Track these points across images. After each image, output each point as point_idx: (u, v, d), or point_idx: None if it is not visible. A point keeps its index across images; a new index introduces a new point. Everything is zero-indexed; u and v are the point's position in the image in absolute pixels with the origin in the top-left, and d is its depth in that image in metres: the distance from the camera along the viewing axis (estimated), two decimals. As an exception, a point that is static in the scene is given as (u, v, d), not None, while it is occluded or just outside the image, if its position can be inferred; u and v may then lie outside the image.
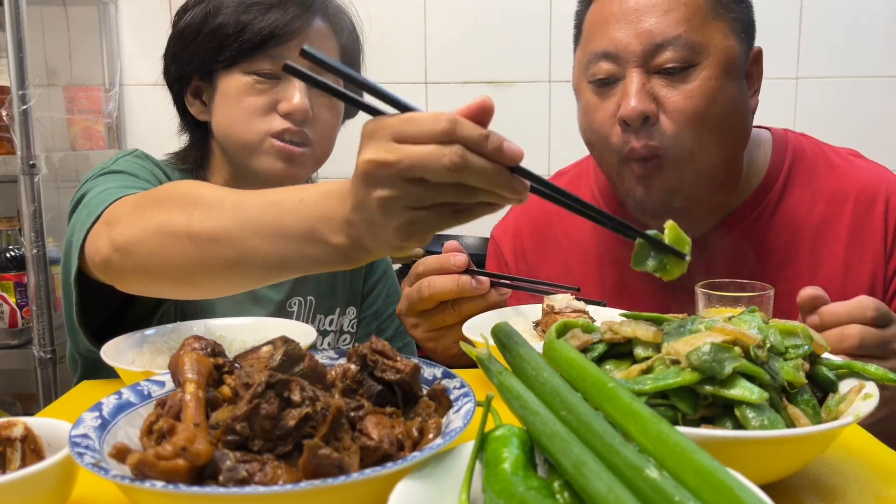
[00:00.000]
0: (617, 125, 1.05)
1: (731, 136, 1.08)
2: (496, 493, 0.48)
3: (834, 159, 1.17)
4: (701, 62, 1.03)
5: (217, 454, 0.52)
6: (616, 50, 1.04)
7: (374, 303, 1.37)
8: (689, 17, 1.03)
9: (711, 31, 1.04)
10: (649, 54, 1.02)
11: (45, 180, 1.90)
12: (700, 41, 1.02)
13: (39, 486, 0.55)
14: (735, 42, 1.06)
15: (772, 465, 0.59)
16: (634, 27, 1.03)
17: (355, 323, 1.34)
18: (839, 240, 1.12)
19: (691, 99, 1.02)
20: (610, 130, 1.06)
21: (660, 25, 1.02)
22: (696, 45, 1.02)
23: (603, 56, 1.05)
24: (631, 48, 1.03)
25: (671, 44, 1.02)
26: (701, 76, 1.03)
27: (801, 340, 0.66)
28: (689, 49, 1.02)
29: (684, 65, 1.02)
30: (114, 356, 0.85)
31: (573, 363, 0.57)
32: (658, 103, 1.03)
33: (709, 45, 1.03)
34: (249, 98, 1.12)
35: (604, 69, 1.06)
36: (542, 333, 0.96)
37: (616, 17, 1.05)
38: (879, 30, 2.34)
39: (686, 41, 1.02)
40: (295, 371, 0.61)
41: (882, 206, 1.12)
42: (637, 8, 1.04)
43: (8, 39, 1.81)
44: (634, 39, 1.03)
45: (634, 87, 1.02)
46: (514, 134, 0.63)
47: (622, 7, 1.05)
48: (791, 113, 2.37)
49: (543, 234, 1.28)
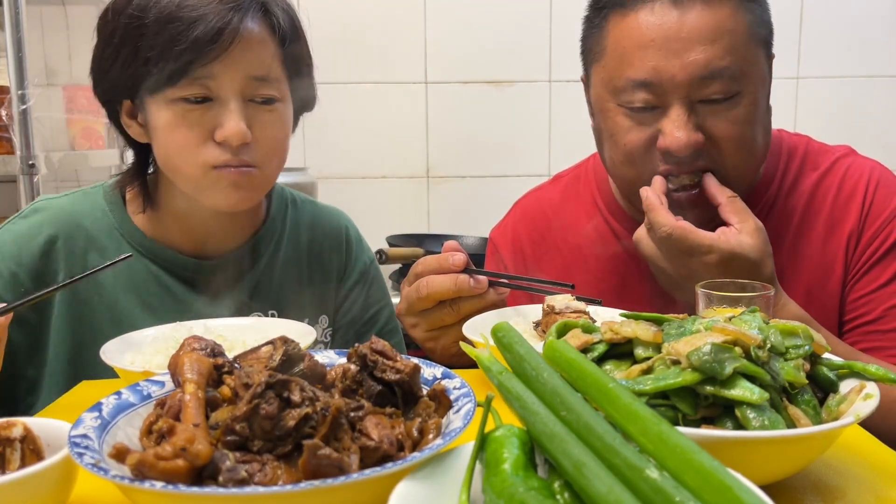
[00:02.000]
0: (656, 150, 1.04)
1: (764, 149, 1.09)
2: (496, 494, 0.48)
3: (821, 159, 1.17)
4: (744, 89, 1.01)
5: (217, 454, 0.52)
6: (660, 80, 1.00)
7: (350, 310, 1.29)
8: (735, 46, 1.00)
9: (753, 56, 1.02)
10: (695, 86, 1.00)
11: (45, 180, 1.90)
12: (744, 69, 1.01)
13: (39, 487, 0.55)
14: (766, 62, 1.06)
15: (772, 465, 0.59)
16: (680, 57, 0.99)
17: (329, 333, 1.26)
18: (818, 234, 1.13)
19: (738, 126, 1.02)
20: (645, 156, 1.05)
21: (707, 56, 0.99)
22: (741, 75, 1.00)
23: (642, 85, 1.02)
24: (677, 80, 1.00)
25: (718, 76, 0.99)
26: (744, 103, 1.02)
27: (801, 341, 0.66)
28: (735, 80, 1.00)
29: (729, 95, 1.01)
30: (113, 356, 0.85)
31: (573, 363, 0.57)
32: (703, 131, 1.02)
33: (751, 71, 1.02)
34: (182, 129, 1.02)
35: (642, 98, 1.02)
36: (542, 333, 0.96)
37: (657, 44, 1.00)
38: (880, 29, 2.34)
39: (733, 72, 1.00)
40: (295, 371, 0.61)
41: (861, 195, 1.12)
42: (681, 36, 0.99)
43: (8, 39, 1.81)
44: (681, 71, 0.99)
45: (681, 120, 1.00)
46: (514, 134, 0.63)
47: (663, 33, 1.00)
48: (791, 113, 2.37)
49: (542, 238, 1.28)
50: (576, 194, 1.28)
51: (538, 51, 2.37)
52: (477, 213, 2.25)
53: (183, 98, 1.01)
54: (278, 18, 1.05)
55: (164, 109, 1.02)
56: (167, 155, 1.05)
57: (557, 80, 2.38)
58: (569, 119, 2.34)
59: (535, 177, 2.29)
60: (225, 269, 1.16)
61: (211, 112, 1.02)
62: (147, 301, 1.11)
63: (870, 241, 1.10)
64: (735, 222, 0.99)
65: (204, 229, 1.15)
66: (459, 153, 2.41)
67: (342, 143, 2.39)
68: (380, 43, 2.37)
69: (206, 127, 1.02)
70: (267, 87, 1.05)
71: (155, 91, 1.02)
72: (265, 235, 1.21)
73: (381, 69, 2.38)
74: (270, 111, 1.06)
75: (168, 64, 0.98)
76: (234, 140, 1.01)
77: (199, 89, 1.01)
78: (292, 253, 1.24)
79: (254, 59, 1.03)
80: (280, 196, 1.27)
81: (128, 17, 1.00)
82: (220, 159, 1.02)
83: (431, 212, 2.45)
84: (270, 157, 1.07)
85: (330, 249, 1.28)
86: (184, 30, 0.98)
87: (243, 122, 1.02)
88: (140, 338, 0.93)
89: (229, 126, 1.01)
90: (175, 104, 1.02)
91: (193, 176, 1.04)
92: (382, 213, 2.42)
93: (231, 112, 1.01)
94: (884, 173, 1.15)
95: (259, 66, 1.03)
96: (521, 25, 2.36)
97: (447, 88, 2.39)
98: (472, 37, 2.36)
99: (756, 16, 1.04)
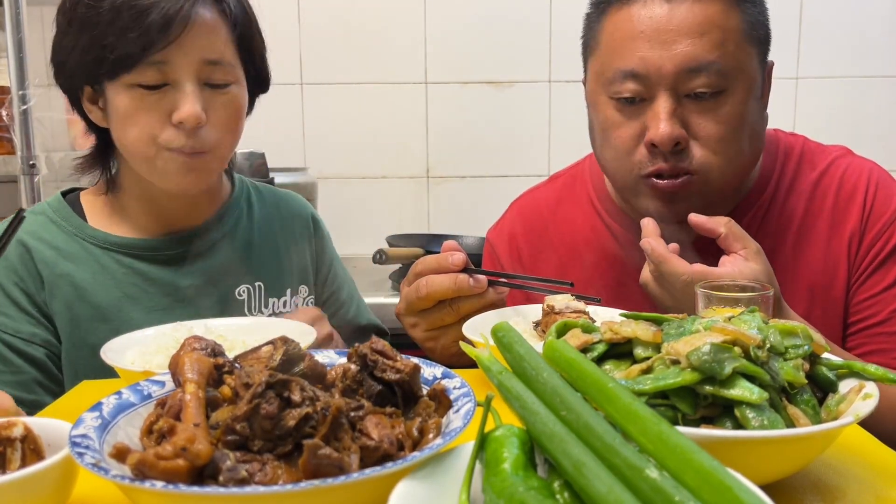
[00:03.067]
0: (642, 146, 1.04)
1: (752, 154, 1.09)
2: (496, 494, 0.48)
3: (818, 159, 1.17)
4: (731, 87, 1.01)
5: (217, 454, 0.52)
6: (646, 71, 1.01)
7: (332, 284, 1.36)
8: (724, 42, 1.00)
9: (743, 55, 1.02)
10: (682, 78, 1.00)
11: (45, 180, 1.89)
12: (733, 66, 1.01)
13: (39, 486, 0.55)
14: (758, 63, 1.05)
15: (772, 465, 0.59)
16: (668, 49, 1.00)
17: (311, 301, 1.31)
18: (820, 235, 1.13)
19: (722, 125, 1.02)
20: (633, 149, 1.05)
21: (695, 49, 0.99)
22: (729, 71, 1.00)
23: (630, 75, 1.03)
24: (664, 70, 1.00)
25: (705, 69, 1.00)
26: (731, 101, 1.02)
27: (801, 340, 0.66)
28: (723, 75, 1.00)
29: (716, 90, 1.01)
30: (114, 356, 0.85)
31: (573, 363, 0.57)
32: (688, 128, 1.02)
33: (741, 69, 1.02)
34: (139, 113, 1.05)
35: (630, 88, 1.03)
36: (542, 333, 0.96)
37: (647, 36, 1.01)
38: (879, 30, 2.34)
39: (720, 67, 1.00)
40: (295, 371, 0.61)
41: (861, 196, 1.12)
42: (670, 28, 1.00)
43: (8, 39, 1.81)
44: (668, 62, 1.00)
45: (666, 111, 1.01)
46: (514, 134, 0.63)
47: (653, 25, 1.01)
48: (791, 113, 2.37)
49: (539, 238, 1.28)
50: (572, 194, 1.28)
51: (538, 51, 2.37)
52: (477, 213, 2.25)
53: (139, 84, 1.04)
54: (229, 4, 1.10)
55: (122, 94, 1.05)
56: (125, 138, 1.08)
57: (557, 80, 2.38)
58: (569, 119, 2.34)
59: (534, 177, 2.29)
60: (195, 239, 1.19)
61: (167, 96, 1.05)
62: (129, 293, 1.14)
63: (872, 243, 1.10)
64: (739, 248, 0.99)
65: (169, 209, 1.18)
66: (459, 153, 2.41)
67: (342, 143, 2.39)
68: (380, 43, 2.37)
69: (162, 111, 1.05)
70: (221, 72, 1.08)
71: (112, 77, 1.05)
72: (231, 209, 1.26)
73: (381, 69, 2.38)
74: (224, 94, 1.09)
75: (124, 50, 1.02)
76: (190, 122, 1.04)
77: (155, 74, 1.04)
78: (263, 226, 1.28)
79: (207, 44, 1.06)
80: (240, 181, 1.32)
81: (84, 6, 1.03)
82: (175, 142, 1.06)
83: (431, 212, 2.45)
84: (224, 139, 1.11)
85: (300, 226, 1.34)
86: (138, 17, 1.01)
87: (199, 105, 1.05)
88: (140, 337, 0.93)
89: (185, 109, 1.04)
90: (132, 89, 1.04)
91: (149, 157, 1.08)
92: (382, 213, 2.42)
93: (187, 95, 1.04)
94: (882, 174, 1.15)
95: (212, 51, 1.06)
96: (521, 25, 2.36)
97: (447, 88, 2.39)
98: (472, 37, 2.36)
99: (750, 16, 1.04)
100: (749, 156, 1.08)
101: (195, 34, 1.04)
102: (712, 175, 1.04)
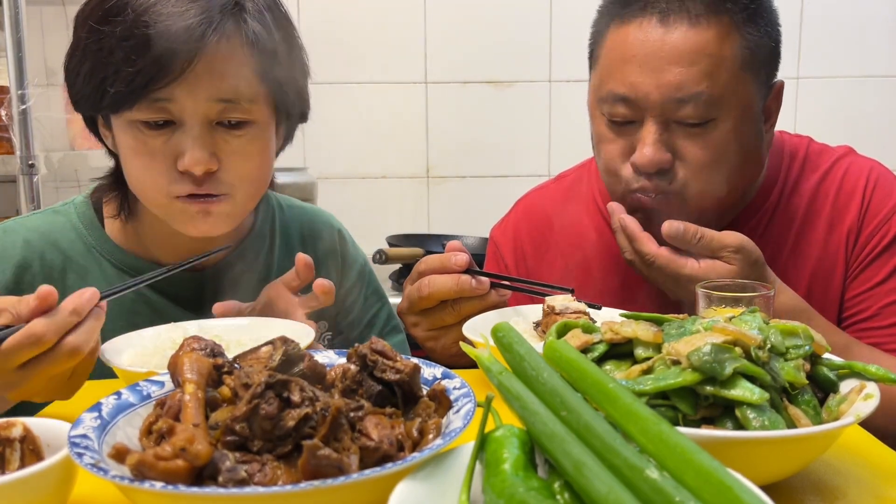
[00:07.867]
0: (629, 164, 1.05)
1: (745, 176, 1.09)
2: (496, 494, 0.48)
3: (821, 160, 1.17)
4: (721, 115, 1.01)
5: (216, 455, 0.51)
6: (635, 96, 1.02)
7: (350, 311, 1.24)
8: (713, 71, 1.00)
9: (737, 83, 1.02)
10: (669, 107, 1.01)
11: (45, 180, 1.90)
12: (722, 95, 1.00)
13: (39, 487, 0.55)
14: (756, 88, 1.05)
15: (772, 465, 0.59)
16: (657, 76, 1.00)
17: (328, 337, 1.21)
18: (820, 235, 1.13)
19: (709, 151, 1.02)
20: (620, 165, 1.06)
21: (683, 78, 0.99)
22: (717, 101, 1.00)
23: (621, 99, 1.03)
24: (651, 98, 1.01)
25: (692, 100, 1.00)
26: (720, 128, 1.02)
27: (801, 341, 0.66)
28: (711, 105, 1.00)
29: (703, 120, 1.01)
30: (113, 356, 0.85)
31: (573, 363, 0.57)
32: (674, 152, 1.03)
33: (731, 97, 1.01)
34: (142, 156, 0.95)
35: (620, 112, 1.04)
36: (543, 334, 0.96)
37: (638, 60, 1.01)
38: (880, 29, 2.34)
39: (708, 97, 1.00)
40: (294, 371, 0.61)
41: (860, 193, 1.13)
42: (660, 55, 1.00)
43: (7, 39, 1.81)
44: (655, 90, 1.00)
45: (651, 137, 1.01)
46: (514, 134, 0.63)
47: (645, 50, 1.01)
48: (791, 113, 2.37)
49: (543, 238, 1.28)
50: (577, 194, 1.28)
51: (538, 51, 2.37)
52: (477, 214, 2.25)
53: (142, 121, 0.94)
54: (254, 30, 0.95)
55: (125, 131, 0.96)
56: (133, 180, 0.99)
57: (557, 80, 2.38)
58: (569, 119, 2.34)
59: (534, 177, 2.29)
60: (212, 280, 1.09)
61: (173, 138, 0.94)
62: (134, 322, 1.01)
63: (868, 238, 1.11)
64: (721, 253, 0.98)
65: (186, 243, 1.06)
66: (459, 153, 2.41)
67: (342, 143, 2.39)
68: (380, 43, 2.37)
69: (167, 154, 0.94)
70: (236, 110, 0.96)
71: (114, 111, 0.95)
72: (253, 244, 1.16)
73: (381, 69, 2.38)
74: (241, 136, 0.97)
75: (123, 85, 0.90)
76: (196, 170, 0.93)
77: (159, 113, 0.93)
78: (285, 259, 1.18)
79: (219, 80, 0.93)
80: (266, 203, 1.21)
81: (88, 30, 0.94)
82: (183, 190, 0.95)
83: (431, 212, 2.45)
84: (242, 185, 0.99)
85: (324, 253, 1.24)
86: (140, 47, 0.89)
87: (206, 151, 0.94)
88: (139, 338, 0.93)
89: (190, 155, 0.93)
90: (134, 127, 0.94)
91: (159, 204, 0.99)
92: (382, 213, 2.42)
93: (193, 139, 0.93)
94: (882, 172, 1.16)
95: (225, 89, 0.94)
96: (521, 25, 2.36)
97: (447, 88, 2.39)
98: (472, 37, 2.36)
99: (751, 41, 1.02)
100: (740, 178, 1.08)
101: (204, 69, 0.91)
102: (692, 199, 1.04)
